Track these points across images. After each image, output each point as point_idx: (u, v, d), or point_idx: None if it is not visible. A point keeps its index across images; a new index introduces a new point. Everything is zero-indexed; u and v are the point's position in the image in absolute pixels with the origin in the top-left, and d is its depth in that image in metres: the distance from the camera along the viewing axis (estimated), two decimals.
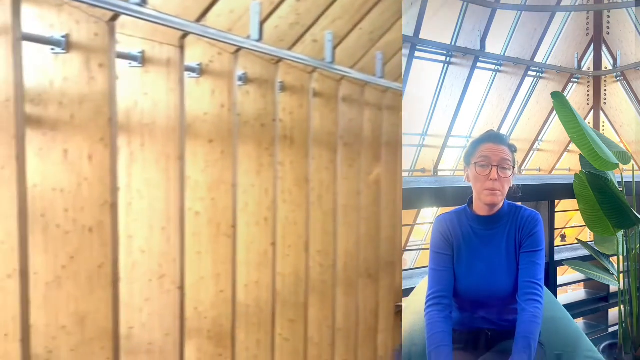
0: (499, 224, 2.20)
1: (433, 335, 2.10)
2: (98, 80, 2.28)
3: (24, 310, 2.13)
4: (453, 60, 9.89)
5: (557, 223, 3.99)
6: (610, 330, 4.25)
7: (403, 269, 2.82)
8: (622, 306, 3.59)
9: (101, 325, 2.40)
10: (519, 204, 2.27)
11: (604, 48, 11.62)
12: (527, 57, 10.84)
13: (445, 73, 9.90)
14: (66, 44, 2.27)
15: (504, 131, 11.07)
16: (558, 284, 3.95)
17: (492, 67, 10.66)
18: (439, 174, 10.26)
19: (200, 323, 2.98)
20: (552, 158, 12.26)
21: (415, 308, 2.49)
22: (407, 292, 2.86)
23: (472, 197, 2.24)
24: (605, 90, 11.92)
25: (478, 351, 2.21)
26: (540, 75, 11.55)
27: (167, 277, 2.72)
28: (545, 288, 2.23)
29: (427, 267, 2.29)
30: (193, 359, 2.99)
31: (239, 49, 2.82)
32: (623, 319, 3.58)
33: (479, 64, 10.09)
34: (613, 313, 4.19)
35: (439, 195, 3.44)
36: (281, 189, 3.42)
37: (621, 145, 7.43)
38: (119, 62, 2.45)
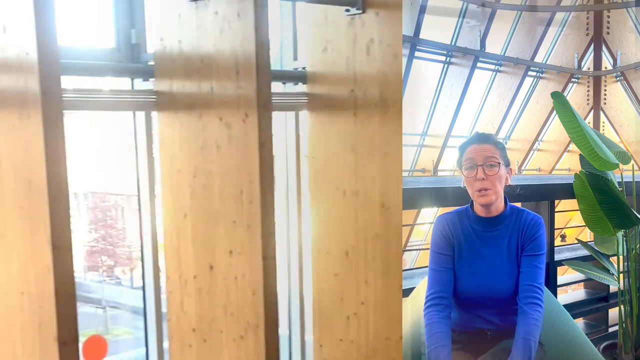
0: (500, 225, 2.20)
1: (432, 335, 2.10)
2: None
3: None
4: (453, 60, 9.87)
5: (557, 223, 3.98)
6: (610, 330, 4.25)
7: (403, 269, 2.82)
8: (622, 306, 3.59)
9: None
10: (519, 204, 2.28)
11: (604, 48, 11.59)
12: (527, 57, 10.82)
13: (445, 73, 9.88)
14: None
15: (504, 131, 11.06)
16: (558, 284, 3.94)
17: (492, 67, 10.64)
18: (439, 174, 10.24)
19: None
20: (552, 158, 12.23)
21: (415, 308, 2.49)
22: (407, 292, 2.86)
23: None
24: (605, 90, 11.89)
25: (477, 351, 2.21)
26: (540, 75, 11.52)
27: None
28: (545, 288, 2.23)
29: (427, 267, 2.29)
30: None
31: None
32: (623, 319, 3.58)
33: (479, 64, 10.07)
34: (613, 313, 4.19)
35: (439, 195, 3.43)
36: None
37: (621, 145, 7.42)
38: None
